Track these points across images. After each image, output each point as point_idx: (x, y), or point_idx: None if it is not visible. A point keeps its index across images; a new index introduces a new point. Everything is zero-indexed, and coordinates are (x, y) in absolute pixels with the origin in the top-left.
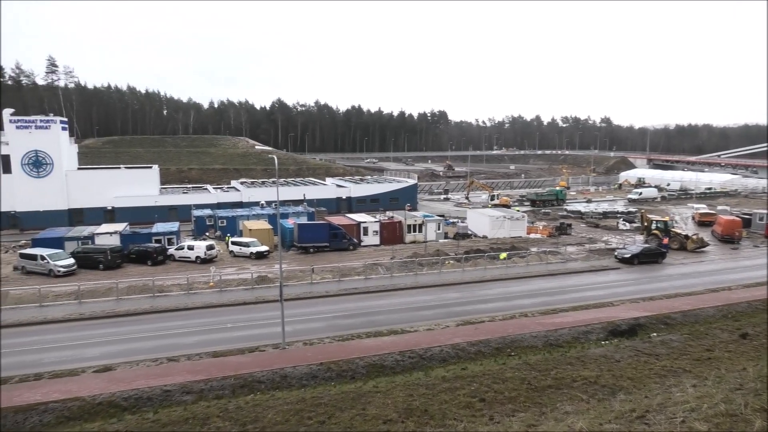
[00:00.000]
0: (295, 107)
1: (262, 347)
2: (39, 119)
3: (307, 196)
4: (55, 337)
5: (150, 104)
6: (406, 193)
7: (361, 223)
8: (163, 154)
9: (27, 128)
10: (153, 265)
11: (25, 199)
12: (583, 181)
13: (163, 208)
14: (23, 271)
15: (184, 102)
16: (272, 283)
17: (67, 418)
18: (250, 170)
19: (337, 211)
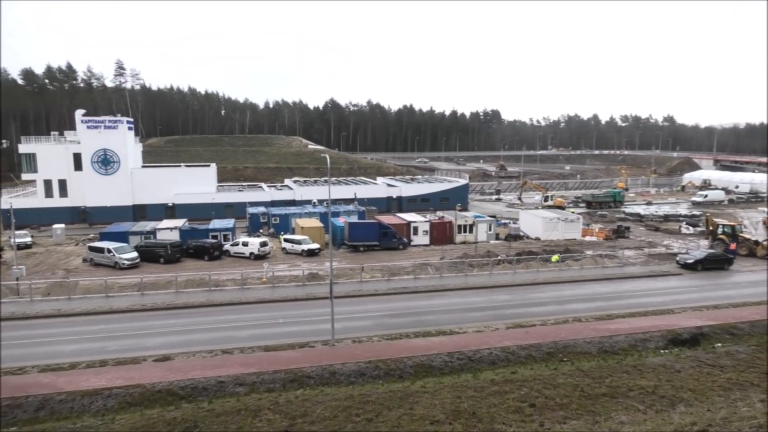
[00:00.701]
0: (347, 107)
1: (312, 343)
2: (107, 119)
3: (358, 195)
4: (119, 326)
5: (209, 105)
6: (457, 193)
7: (411, 222)
8: (221, 152)
9: (96, 128)
10: (210, 260)
11: (94, 194)
12: (642, 182)
13: (220, 205)
14: (91, 263)
15: (241, 102)
16: (323, 280)
17: (129, 403)
18: (302, 169)
19: (388, 211)
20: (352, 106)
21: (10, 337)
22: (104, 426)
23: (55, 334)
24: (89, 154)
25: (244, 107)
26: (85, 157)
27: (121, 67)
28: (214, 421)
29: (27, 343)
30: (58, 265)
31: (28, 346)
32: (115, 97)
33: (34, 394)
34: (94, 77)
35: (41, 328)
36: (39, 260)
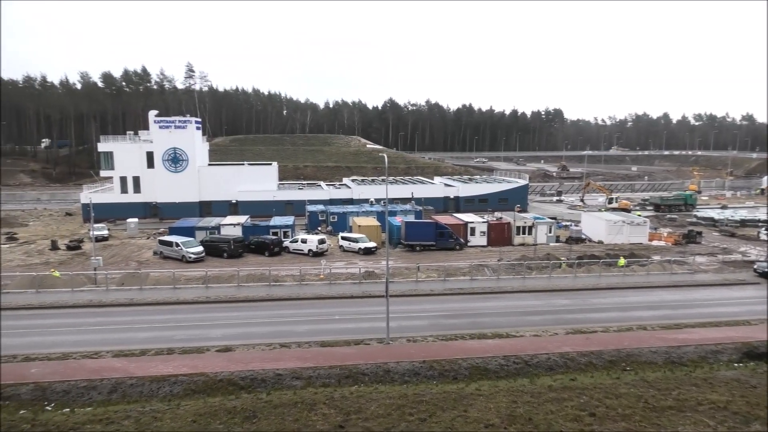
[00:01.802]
0: (406, 106)
1: (367, 341)
2: (177, 120)
3: (415, 194)
4: (185, 316)
5: (272, 105)
6: (517, 193)
7: (468, 223)
8: (282, 151)
9: (167, 128)
10: (270, 255)
11: (164, 191)
12: (717, 184)
13: (281, 202)
14: (161, 255)
15: (302, 103)
16: (379, 278)
17: (193, 390)
18: (361, 168)
19: (445, 211)
20: (411, 105)
21: (88, 323)
22: (170, 411)
23: (128, 321)
24: (161, 153)
25: (305, 107)
26: (157, 156)
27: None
28: (272, 412)
29: (102, 329)
30: (131, 257)
31: (103, 332)
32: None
33: (108, 377)
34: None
35: (115, 316)
36: (114, 252)
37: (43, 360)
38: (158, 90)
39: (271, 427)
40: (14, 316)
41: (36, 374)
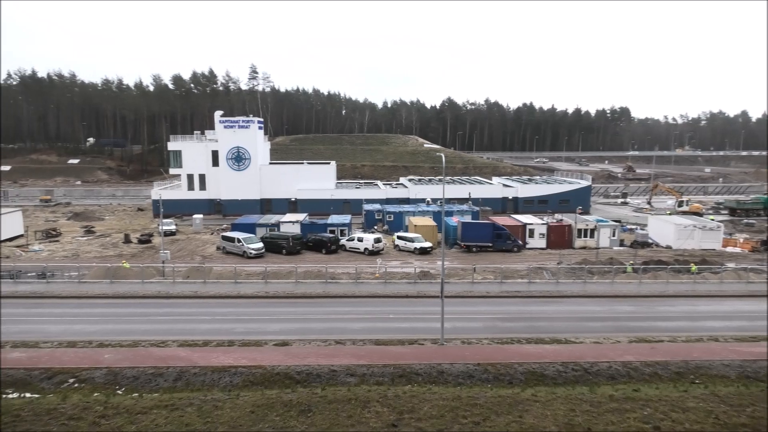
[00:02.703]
0: (464, 105)
1: (421, 341)
2: (241, 120)
3: (473, 194)
4: (245, 310)
5: (331, 105)
6: (578, 195)
7: (526, 224)
8: (340, 151)
9: (232, 128)
10: (327, 253)
11: (228, 188)
12: None
13: (338, 201)
14: (223, 251)
15: (361, 102)
16: (434, 279)
17: (252, 382)
18: (418, 168)
19: (503, 211)
20: (470, 104)
21: (156, 313)
22: (230, 401)
23: (192, 313)
24: (225, 152)
25: (363, 107)
26: (222, 154)
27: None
28: (327, 407)
29: (169, 319)
30: (196, 251)
31: (169, 323)
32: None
33: (173, 365)
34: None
35: (181, 307)
36: (181, 246)
37: (116, 347)
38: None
39: (325, 422)
40: (91, 305)
41: (109, 360)
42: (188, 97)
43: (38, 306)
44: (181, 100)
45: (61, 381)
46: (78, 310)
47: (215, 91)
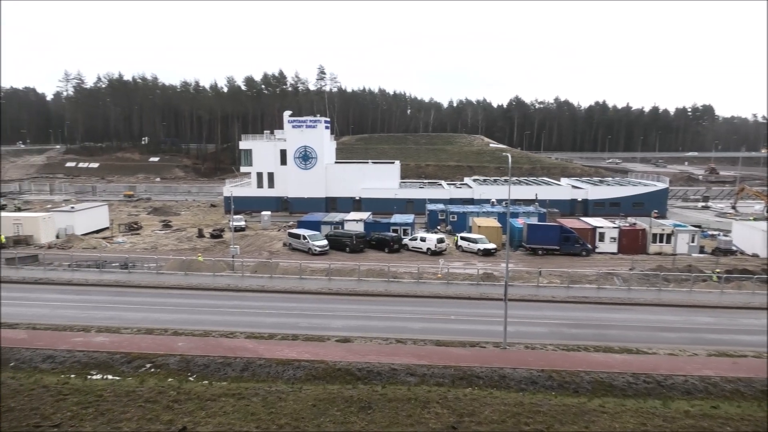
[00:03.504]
0: (532, 104)
1: (483, 344)
2: (309, 120)
3: (540, 196)
4: (309, 305)
5: (396, 104)
6: (654, 197)
7: (596, 227)
8: (405, 150)
9: (299, 127)
10: (389, 252)
11: (295, 186)
12: None
13: (401, 200)
14: (289, 247)
15: (426, 102)
16: (497, 281)
17: (314, 376)
18: (483, 168)
19: (571, 214)
20: (538, 103)
21: (226, 305)
22: (293, 393)
23: (259, 306)
24: (293, 151)
25: (428, 106)
26: (289, 153)
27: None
28: (387, 405)
29: (237, 311)
30: (263, 247)
31: (238, 315)
32: (316, 99)
33: (241, 356)
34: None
35: (249, 300)
36: (249, 242)
37: (188, 335)
38: (293, 92)
39: (384, 419)
40: (167, 295)
41: (182, 347)
42: (259, 98)
43: (120, 294)
44: (252, 101)
45: (139, 365)
46: (155, 300)
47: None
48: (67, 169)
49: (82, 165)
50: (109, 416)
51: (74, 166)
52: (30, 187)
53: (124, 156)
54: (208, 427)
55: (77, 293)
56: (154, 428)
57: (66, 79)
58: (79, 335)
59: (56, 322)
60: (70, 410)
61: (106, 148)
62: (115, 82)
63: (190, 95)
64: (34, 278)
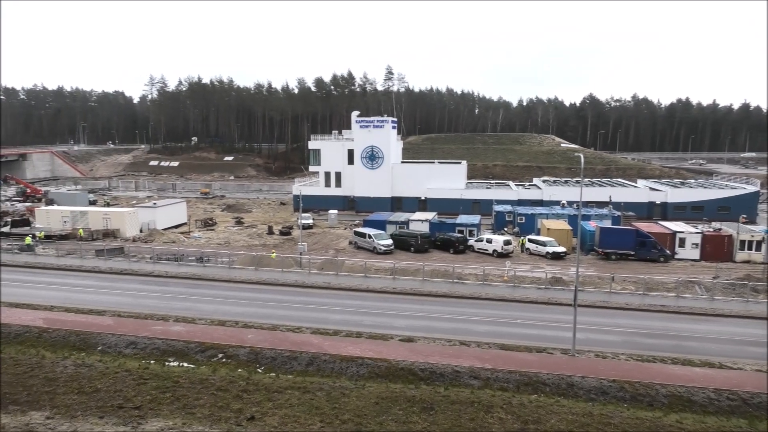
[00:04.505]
0: (608, 102)
1: (550, 350)
2: (376, 120)
3: (614, 198)
4: (373, 304)
5: (464, 104)
6: (743, 201)
7: (676, 232)
8: (472, 150)
9: (367, 127)
10: (454, 253)
11: (361, 186)
12: None
13: (468, 201)
14: (355, 246)
15: (494, 101)
16: (566, 285)
17: (377, 374)
18: (553, 168)
19: (648, 217)
20: (614, 101)
21: (293, 301)
22: (356, 390)
23: (325, 303)
24: (360, 150)
25: (497, 105)
26: (356, 153)
27: (390, 72)
28: (449, 407)
29: (304, 307)
30: (330, 245)
31: (304, 310)
32: (383, 99)
33: (306, 351)
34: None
35: (315, 297)
36: (317, 239)
37: (257, 329)
38: (361, 92)
39: (447, 422)
40: (238, 288)
41: (251, 340)
42: (328, 99)
43: (196, 286)
44: (321, 102)
45: (212, 355)
46: (227, 293)
47: (353, 92)
48: (150, 167)
49: (163, 164)
50: (184, 402)
51: (157, 164)
52: (117, 184)
53: (201, 155)
54: (274, 418)
55: (157, 284)
56: (224, 415)
57: (151, 83)
58: (158, 324)
59: (138, 310)
60: (150, 394)
61: (185, 148)
62: (195, 85)
63: (262, 97)
64: (120, 269)
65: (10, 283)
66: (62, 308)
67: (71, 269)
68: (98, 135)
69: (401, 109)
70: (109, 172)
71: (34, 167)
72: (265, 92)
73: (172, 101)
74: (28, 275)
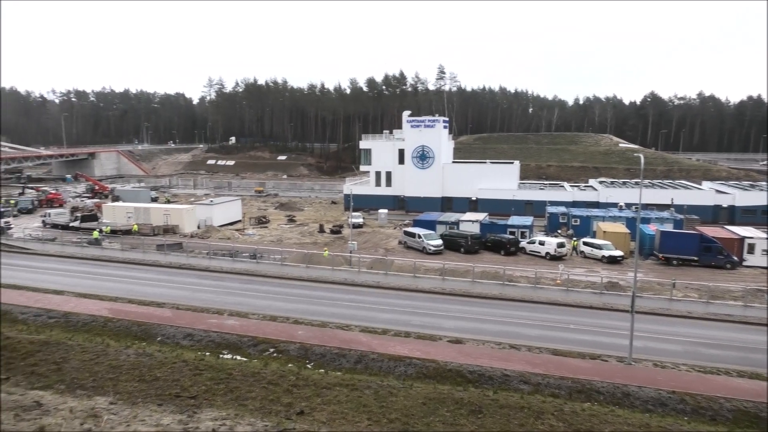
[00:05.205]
0: (670, 100)
1: (605, 357)
2: (427, 119)
3: (676, 200)
4: (422, 304)
5: (517, 103)
6: None
7: (745, 237)
8: (525, 150)
9: (418, 127)
10: (505, 254)
11: (411, 185)
12: None
13: (520, 202)
14: (404, 245)
15: (549, 100)
16: (623, 291)
17: (424, 375)
18: (610, 169)
19: (714, 222)
20: (677, 99)
21: (342, 299)
22: (404, 390)
23: (374, 302)
24: (410, 150)
25: (552, 104)
26: (407, 153)
27: (442, 72)
28: (498, 411)
29: (353, 305)
30: (379, 244)
31: (353, 309)
32: (435, 98)
33: (355, 349)
34: (420, 82)
35: (364, 295)
36: (366, 238)
37: (307, 325)
38: (412, 92)
39: (495, 426)
40: (289, 285)
41: (301, 336)
42: (380, 98)
43: (250, 282)
44: (373, 101)
45: (263, 349)
46: (279, 289)
47: (404, 92)
48: (207, 166)
49: (220, 162)
50: (237, 393)
51: (214, 163)
52: (177, 181)
53: (256, 154)
54: (323, 413)
55: (213, 279)
56: (275, 409)
57: (209, 84)
58: (213, 317)
59: (195, 304)
60: (205, 384)
61: (240, 147)
62: (251, 86)
63: (315, 97)
64: (179, 263)
65: (79, 275)
66: (125, 299)
67: (134, 262)
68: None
69: (453, 108)
70: (169, 170)
71: (101, 165)
72: (318, 92)
73: (229, 102)
74: (94, 267)
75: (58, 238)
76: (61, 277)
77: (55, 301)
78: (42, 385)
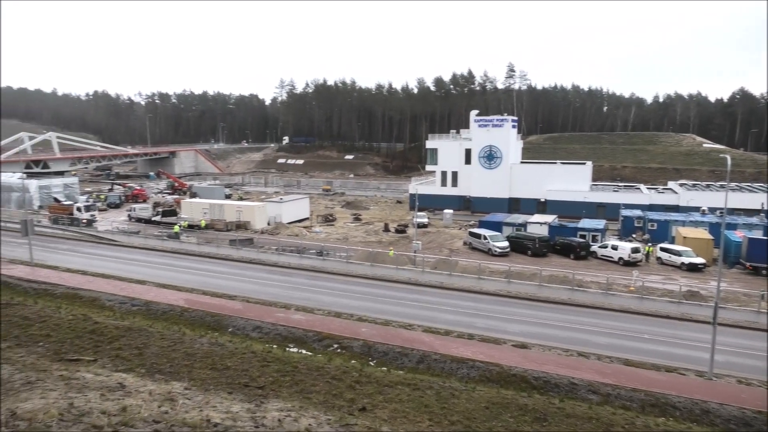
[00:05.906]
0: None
1: (682, 370)
2: (495, 119)
3: (766, 206)
4: (486, 306)
5: (591, 101)
6: None
7: None
8: (598, 150)
9: (485, 126)
10: (575, 258)
11: (478, 186)
12: None
13: (592, 204)
14: (469, 246)
15: (626, 98)
16: (704, 300)
17: (488, 378)
18: (692, 171)
19: None
20: None
21: (406, 298)
22: (466, 393)
23: (437, 302)
24: (477, 150)
25: (628, 102)
26: (474, 153)
27: (512, 70)
28: (564, 420)
29: (416, 305)
30: (444, 244)
31: (416, 308)
32: (504, 97)
33: (417, 348)
34: (488, 81)
35: (427, 295)
36: (431, 238)
37: (371, 323)
38: (480, 91)
39: None
40: (354, 283)
41: (365, 333)
42: (447, 98)
43: (316, 278)
44: (440, 101)
45: (328, 344)
46: (344, 286)
47: (472, 91)
48: (278, 165)
49: (290, 161)
50: (302, 386)
51: (284, 162)
52: (249, 180)
53: (324, 154)
54: (384, 411)
55: (281, 274)
56: (338, 403)
57: (281, 86)
58: (281, 311)
59: (264, 297)
60: (272, 376)
61: (309, 147)
62: (320, 87)
63: (382, 97)
64: (250, 258)
65: (159, 266)
66: (200, 291)
67: (209, 256)
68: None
69: (522, 107)
70: (242, 168)
71: (181, 163)
72: (386, 92)
73: (299, 102)
74: (173, 260)
75: (141, 231)
76: (144, 267)
77: (137, 290)
78: (125, 368)
